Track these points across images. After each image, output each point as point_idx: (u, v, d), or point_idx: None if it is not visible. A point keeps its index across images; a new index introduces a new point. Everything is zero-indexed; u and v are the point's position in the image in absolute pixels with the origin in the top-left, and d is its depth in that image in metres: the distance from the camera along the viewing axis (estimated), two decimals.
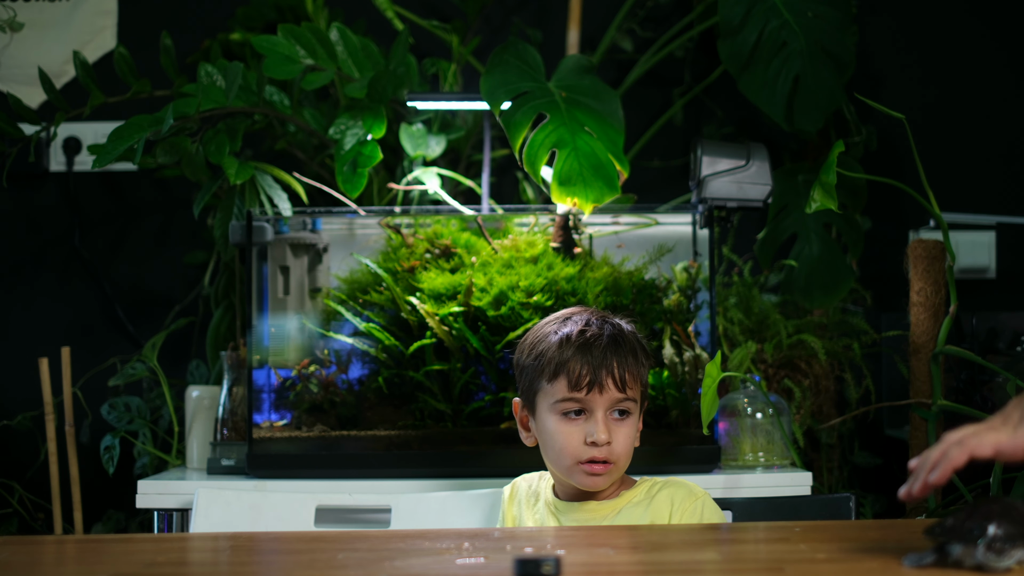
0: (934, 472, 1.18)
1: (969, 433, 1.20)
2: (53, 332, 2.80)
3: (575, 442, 1.65)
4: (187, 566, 1.33)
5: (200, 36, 2.76)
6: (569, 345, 1.66)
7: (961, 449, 1.19)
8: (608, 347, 1.65)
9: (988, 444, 1.19)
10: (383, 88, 2.27)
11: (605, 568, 1.20)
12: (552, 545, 1.34)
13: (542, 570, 1.10)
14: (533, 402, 1.70)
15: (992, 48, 2.83)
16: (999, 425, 1.21)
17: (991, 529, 1.06)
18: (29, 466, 2.68)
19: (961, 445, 1.19)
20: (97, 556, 1.39)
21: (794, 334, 2.51)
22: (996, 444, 1.19)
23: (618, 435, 1.66)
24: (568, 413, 1.66)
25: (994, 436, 1.19)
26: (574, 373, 1.64)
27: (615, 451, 1.65)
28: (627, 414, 1.67)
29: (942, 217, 2.10)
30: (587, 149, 2.11)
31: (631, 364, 1.66)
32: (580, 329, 1.67)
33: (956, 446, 1.19)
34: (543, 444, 1.70)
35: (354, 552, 1.34)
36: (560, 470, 1.68)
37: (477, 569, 1.20)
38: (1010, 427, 1.20)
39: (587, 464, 1.65)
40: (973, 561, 1.07)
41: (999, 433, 1.19)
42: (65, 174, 2.82)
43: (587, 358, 1.64)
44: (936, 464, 1.19)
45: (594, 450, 1.64)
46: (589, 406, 1.65)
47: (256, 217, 2.20)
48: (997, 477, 1.92)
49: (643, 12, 2.81)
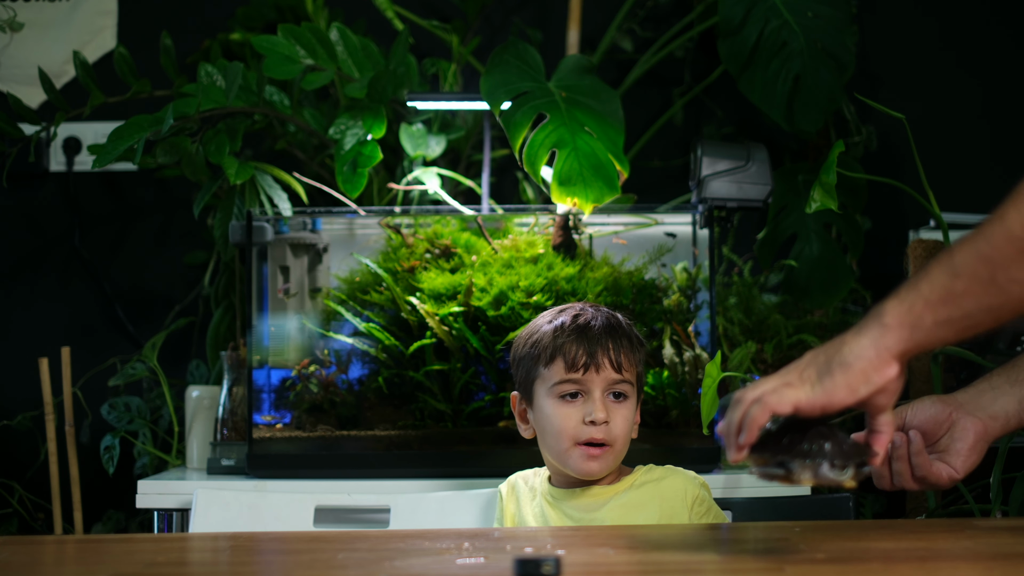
0: (742, 435, 1.22)
1: (768, 390, 1.23)
2: (53, 332, 2.80)
3: (573, 422, 1.66)
4: (187, 566, 1.33)
5: (200, 36, 2.76)
6: (564, 331, 1.68)
7: (761, 407, 1.21)
8: (603, 330, 1.68)
9: (787, 401, 1.22)
10: (383, 88, 2.27)
11: (605, 568, 1.20)
12: (552, 545, 1.34)
13: (542, 570, 1.10)
14: (530, 391, 1.71)
15: (992, 48, 2.83)
16: (796, 381, 1.23)
17: (828, 447, 1.20)
18: (29, 466, 2.68)
19: (761, 403, 1.22)
20: (97, 556, 1.39)
21: (794, 334, 2.51)
22: (795, 401, 1.22)
23: (616, 416, 1.67)
24: (565, 396, 1.67)
25: (793, 393, 1.22)
26: (571, 354, 1.66)
27: (613, 432, 1.66)
28: (624, 397, 1.69)
29: (942, 217, 2.10)
30: (587, 149, 2.11)
31: (626, 348, 1.69)
32: (575, 315, 1.71)
33: (756, 404, 1.22)
34: (541, 431, 1.71)
35: (354, 552, 1.34)
36: (558, 456, 1.68)
37: (477, 569, 1.20)
38: (807, 384, 1.23)
39: (585, 447, 1.65)
40: (813, 476, 1.20)
41: (797, 390, 1.22)
42: (65, 174, 2.83)
43: (583, 340, 1.67)
44: (741, 425, 1.22)
45: (592, 429, 1.65)
46: (587, 387, 1.66)
47: (256, 217, 2.20)
48: (997, 477, 1.92)
49: (643, 12, 2.81)
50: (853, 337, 1.24)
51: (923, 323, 1.23)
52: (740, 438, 1.22)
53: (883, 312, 1.25)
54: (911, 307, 1.23)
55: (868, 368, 1.23)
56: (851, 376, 1.23)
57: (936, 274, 1.23)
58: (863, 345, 1.23)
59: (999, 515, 1.95)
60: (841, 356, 1.23)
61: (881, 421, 1.27)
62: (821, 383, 1.23)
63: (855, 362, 1.23)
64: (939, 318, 1.22)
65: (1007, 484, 1.97)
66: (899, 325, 1.23)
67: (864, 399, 1.24)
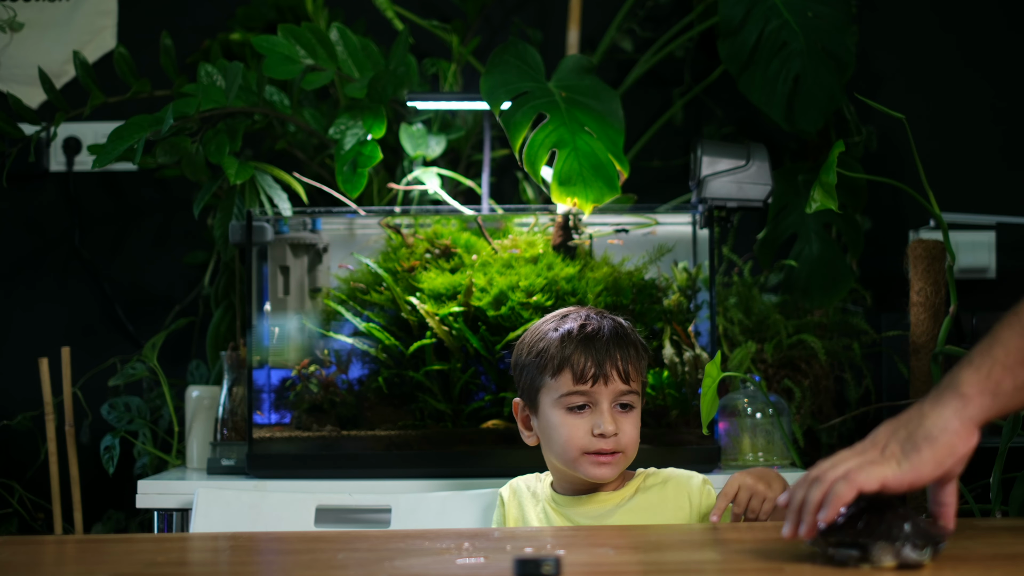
0: (823, 511, 1.18)
1: (852, 467, 1.20)
2: (53, 332, 2.80)
3: (581, 433, 1.65)
4: (187, 566, 1.32)
5: (200, 36, 2.76)
6: (571, 340, 1.67)
7: (848, 485, 1.18)
8: (611, 340, 1.66)
9: (875, 479, 1.19)
10: (383, 88, 2.27)
11: (605, 568, 1.20)
12: (552, 545, 1.34)
13: (542, 570, 1.10)
14: (535, 400, 1.70)
15: (993, 47, 2.83)
16: (879, 458, 1.21)
17: (908, 528, 1.16)
18: (29, 466, 2.68)
19: (848, 481, 1.18)
20: (97, 556, 1.38)
21: (794, 334, 2.51)
22: (883, 479, 1.19)
23: (624, 425, 1.66)
24: (573, 408, 1.66)
25: (880, 470, 1.19)
26: (579, 366, 1.65)
27: (622, 441, 1.65)
28: (630, 408, 1.68)
29: (942, 217, 2.10)
30: (587, 149, 2.11)
31: (633, 357, 1.68)
32: (581, 324, 1.68)
33: (843, 482, 1.18)
34: (547, 440, 1.70)
35: (354, 552, 1.34)
36: (566, 463, 1.68)
37: (477, 569, 1.20)
38: (892, 461, 1.20)
39: (594, 455, 1.65)
40: (895, 558, 1.15)
41: (883, 467, 1.19)
42: (65, 174, 2.82)
43: (591, 351, 1.65)
44: (823, 502, 1.18)
45: (601, 442, 1.64)
46: (594, 399, 1.66)
47: (256, 217, 2.20)
48: (997, 477, 1.92)
49: (643, 12, 2.81)
50: (932, 408, 1.22)
51: (1003, 389, 1.21)
52: (821, 515, 1.18)
53: (960, 382, 1.22)
54: (988, 374, 1.21)
55: (954, 440, 1.21)
56: (938, 450, 1.20)
57: (1008, 337, 1.22)
58: (946, 417, 1.21)
59: (999, 515, 1.95)
60: (925, 430, 1.21)
61: (949, 491, 1.24)
62: (908, 459, 1.20)
63: (940, 435, 1.20)
64: (1019, 382, 1.21)
65: (1007, 484, 1.97)
66: (979, 393, 1.21)
67: (947, 471, 1.22)
